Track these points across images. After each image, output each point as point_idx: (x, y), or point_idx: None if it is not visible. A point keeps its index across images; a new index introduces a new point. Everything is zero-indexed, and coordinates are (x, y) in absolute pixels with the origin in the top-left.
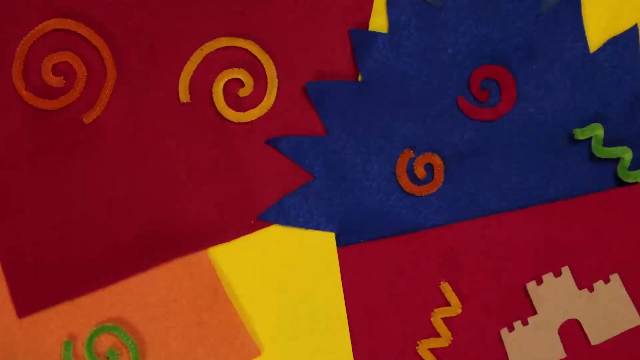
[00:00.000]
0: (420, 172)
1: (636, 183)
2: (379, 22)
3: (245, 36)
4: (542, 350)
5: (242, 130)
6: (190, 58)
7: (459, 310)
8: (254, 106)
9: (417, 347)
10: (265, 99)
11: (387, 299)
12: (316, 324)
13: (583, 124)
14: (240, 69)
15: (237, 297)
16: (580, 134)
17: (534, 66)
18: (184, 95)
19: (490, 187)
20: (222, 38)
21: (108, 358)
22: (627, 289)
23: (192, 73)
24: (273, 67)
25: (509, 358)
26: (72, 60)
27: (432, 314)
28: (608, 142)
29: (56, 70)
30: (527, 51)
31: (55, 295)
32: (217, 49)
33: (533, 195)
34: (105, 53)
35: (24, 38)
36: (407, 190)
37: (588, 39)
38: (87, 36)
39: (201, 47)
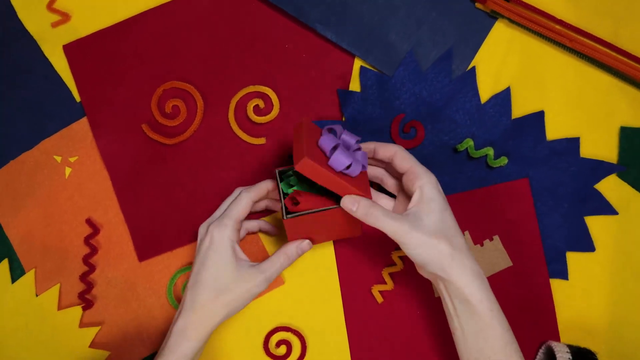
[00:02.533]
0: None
1: (501, 166)
2: (355, 85)
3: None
4: None
5: (272, 148)
6: (233, 97)
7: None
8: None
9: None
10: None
11: (362, 253)
12: (316, 267)
13: (476, 145)
14: (259, 98)
15: (267, 248)
16: (460, 147)
17: (448, 111)
18: (232, 122)
19: None
20: (250, 86)
21: None
22: (503, 244)
23: (234, 107)
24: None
25: None
26: (179, 103)
27: (383, 270)
28: (494, 151)
29: (171, 107)
30: (444, 102)
31: (161, 248)
32: (247, 93)
33: (448, 189)
34: (198, 99)
35: (157, 90)
36: None
37: (480, 95)
38: (189, 90)
39: (240, 91)
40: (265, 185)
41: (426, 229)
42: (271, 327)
